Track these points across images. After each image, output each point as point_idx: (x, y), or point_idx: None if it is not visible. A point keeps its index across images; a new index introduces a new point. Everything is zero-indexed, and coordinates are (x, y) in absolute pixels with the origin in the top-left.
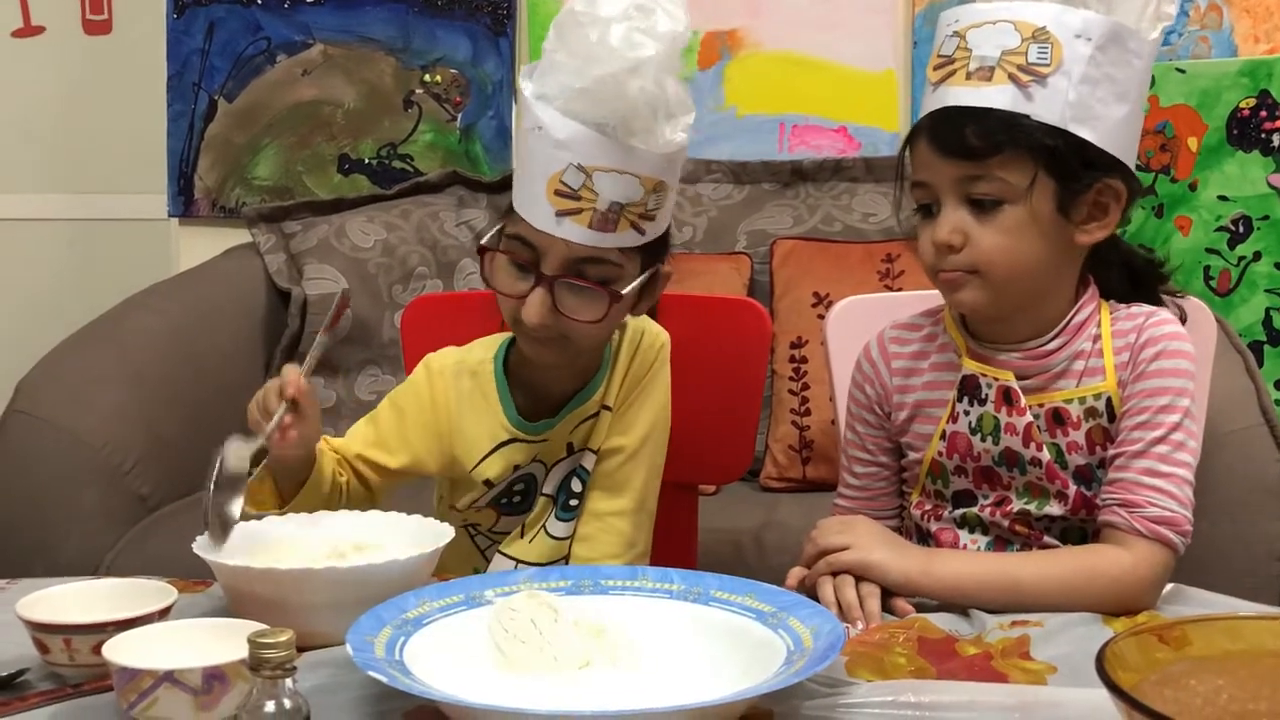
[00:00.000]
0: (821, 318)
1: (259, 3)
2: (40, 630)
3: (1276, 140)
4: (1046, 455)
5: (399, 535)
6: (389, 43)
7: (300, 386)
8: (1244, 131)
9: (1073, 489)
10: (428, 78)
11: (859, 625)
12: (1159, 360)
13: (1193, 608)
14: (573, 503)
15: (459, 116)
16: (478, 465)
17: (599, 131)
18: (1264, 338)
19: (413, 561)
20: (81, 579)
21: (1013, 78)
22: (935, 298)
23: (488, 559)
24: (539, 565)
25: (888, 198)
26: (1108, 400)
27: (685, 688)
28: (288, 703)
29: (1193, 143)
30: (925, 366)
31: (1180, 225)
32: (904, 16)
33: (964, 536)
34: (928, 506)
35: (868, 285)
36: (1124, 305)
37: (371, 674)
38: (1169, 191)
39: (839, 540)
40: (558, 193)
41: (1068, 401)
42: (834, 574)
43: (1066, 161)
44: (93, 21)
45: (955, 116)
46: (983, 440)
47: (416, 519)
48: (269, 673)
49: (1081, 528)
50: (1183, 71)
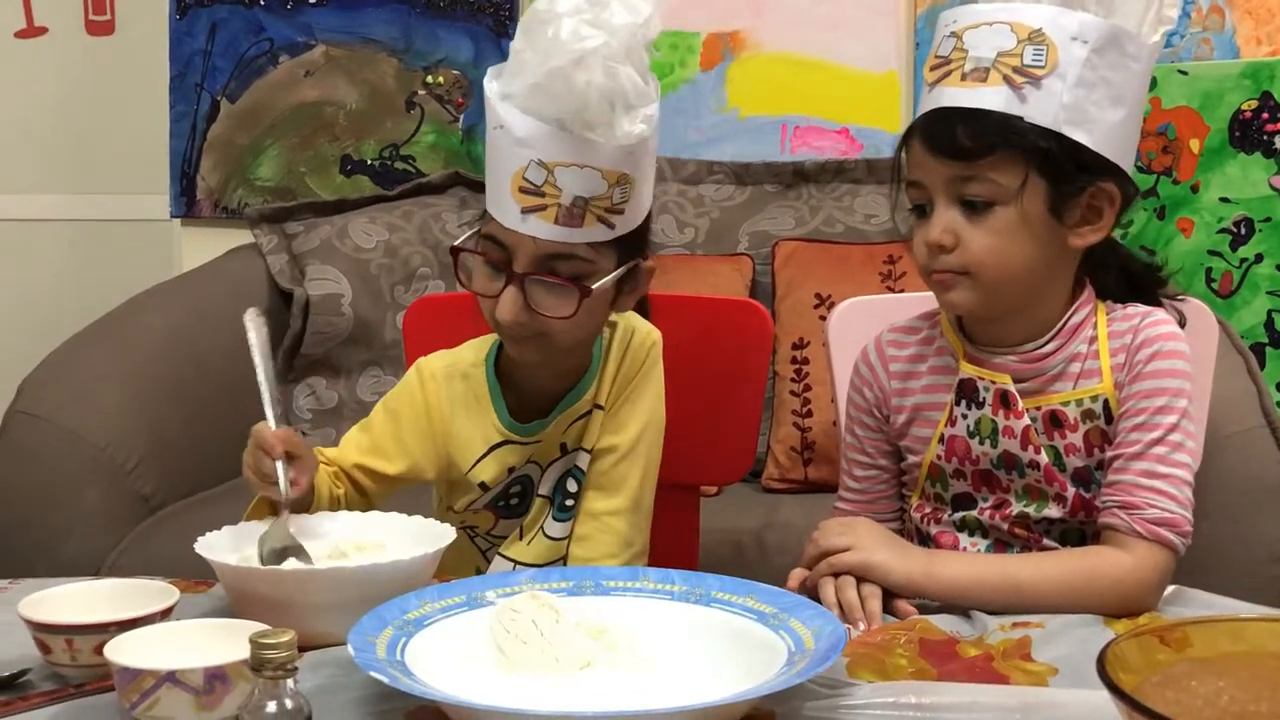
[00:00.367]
0: (823, 319)
1: (261, 4)
2: (42, 630)
3: (1278, 142)
4: (1044, 458)
5: (400, 536)
6: (391, 44)
7: (285, 439)
8: (1246, 133)
9: (1071, 491)
10: (430, 79)
11: (860, 626)
12: (1155, 361)
13: (1194, 609)
14: (569, 503)
15: (461, 117)
16: (473, 468)
17: (558, 126)
18: (1266, 339)
19: (415, 562)
20: (83, 579)
21: (1007, 79)
22: (934, 299)
23: (488, 560)
24: (538, 566)
25: (889, 199)
26: (1105, 402)
27: (687, 689)
28: (289, 703)
29: (1195, 144)
30: (923, 370)
31: (1182, 227)
32: (906, 18)
33: (964, 539)
34: (927, 509)
35: (869, 286)
36: (1120, 306)
37: (373, 674)
38: (1171, 193)
39: (840, 542)
40: (522, 190)
41: (1065, 404)
42: (835, 575)
43: (1059, 164)
44: (95, 22)
45: (949, 117)
46: (981, 443)
47: (417, 520)
48: (271, 673)
49: (1081, 530)
50: (1185, 73)
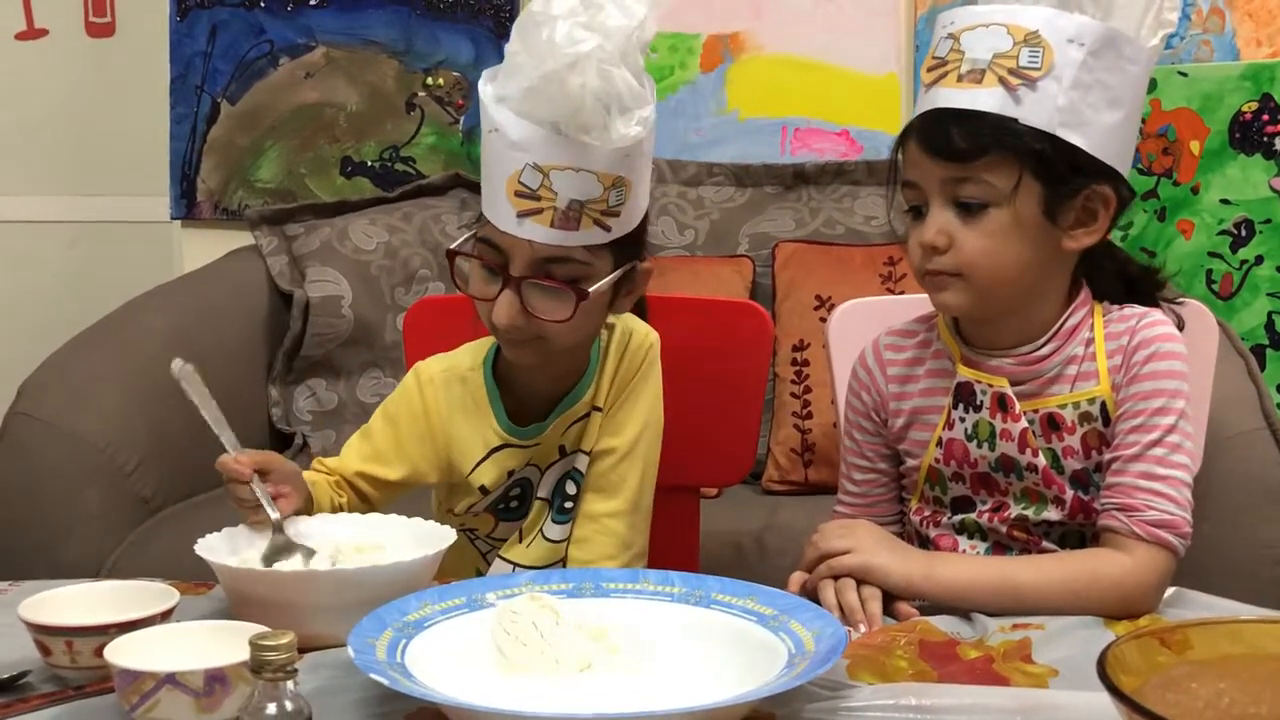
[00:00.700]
0: (823, 321)
1: (262, 5)
2: (42, 632)
3: (1279, 144)
4: (1042, 461)
5: (400, 537)
6: (391, 45)
7: (247, 460)
8: (1246, 135)
9: (1070, 494)
10: (430, 80)
11: (861, 628)
12: (1152, 363)
13: (1194, 611)
14: (568, 505)
15: (461, 119)
16: (472, 471)
17: (553, 130)
18: (1266, 341)
19: (414, 564)
20: (84, 581)
21: (1003, 81)
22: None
23: (488, 562)
24: (537, 569)
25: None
26: (1102, 404)
27: (687, 690)
28: (289, 705)
29: (1195, 146)
30: (921, 373)
31: (1182, 229)
32: (906, 19)
33: (963, 542)
34: (927, 513)
35: (870, 288)
36: (1117, 307)
37: (373, 676)
38: (1171, 195)
39: (840, 544)
40: (517, 193)
41: (1062, 406)
42: (835, 578)
43: (1054, 166)
44: (96, 24)
45: (944, 118)
46: (979, 447)
47: (417, 521)
48: (270, 675)
49: (1080, 532)
50: (1185, 75)
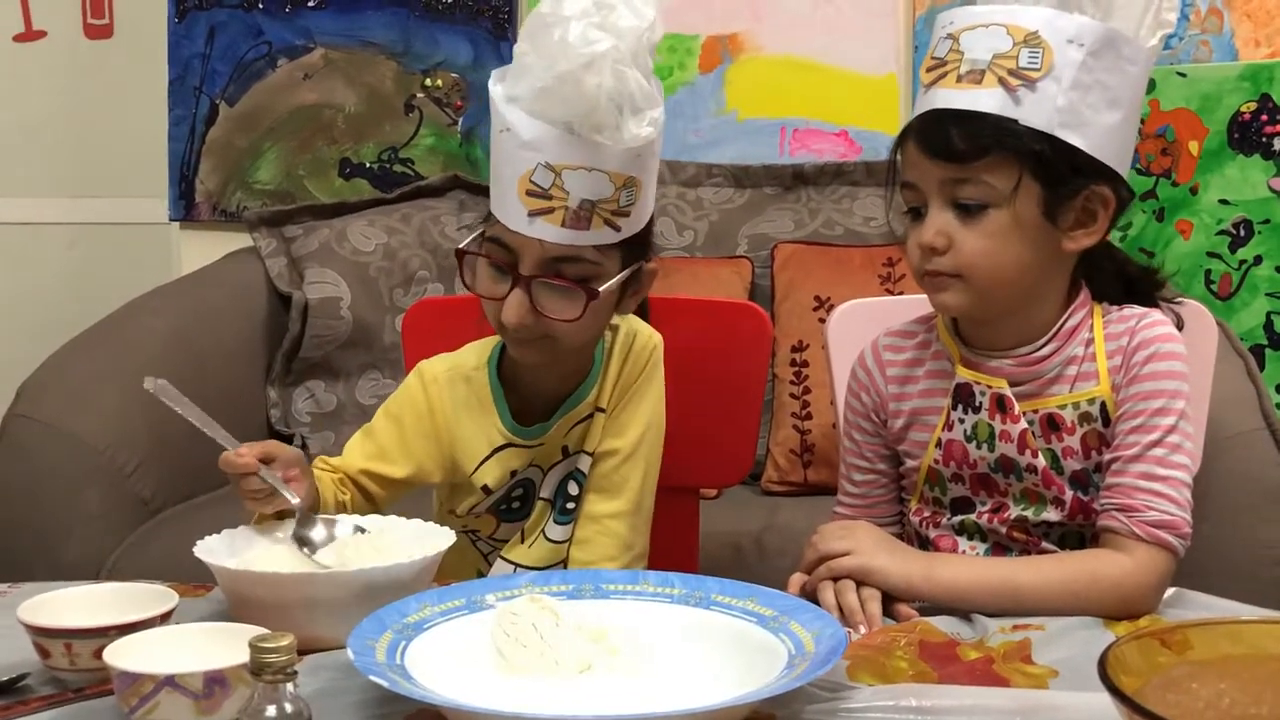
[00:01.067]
0: (823, 321)
1: (260, 7)
2: (41, 634)
3: (1277, 144)
4: (1042, 461)
5: (399, 539)
6: (390, 46)
7: (248, 451)
8: (1245, 135)
9: (1069, 494)
10: (429, 81)
11: (860, 629)
12: (1151, 363)
13: (1194, 611)
14: (570, 506)
15: (460, 120)
16: (476, 471)
17: (566, 130)
18: (1265, 341)
19: (414, 565)
20: (83, 583)
21: (1002, 81)
22: None
23: (490, 564)
24: (539, 569)
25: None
26: (1102, 405)
27: (686, 692)
28: (289, 707)
29: (1194, 146)
30: (920, 374)
31: (1181, 229)
32: (905, 20)
33: (963, 543)
34: (926, 514)
35: (869, 289)
36: (1116, 308)
37: (372, 678)
38: (1170, 195)
39: (840, 545)
40: (529, 193)
41: (1061, 407)
42: (835, 579)
43: (1053, 167)
44: (94, 26)
45: (943, 119)
46: (978, 448)
47: (417, 523)
48: (270, 677)
49: (1080, 533)
50: (1183, 75)
